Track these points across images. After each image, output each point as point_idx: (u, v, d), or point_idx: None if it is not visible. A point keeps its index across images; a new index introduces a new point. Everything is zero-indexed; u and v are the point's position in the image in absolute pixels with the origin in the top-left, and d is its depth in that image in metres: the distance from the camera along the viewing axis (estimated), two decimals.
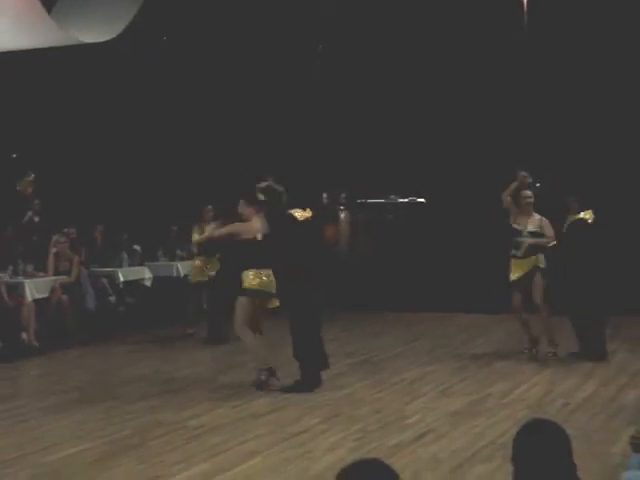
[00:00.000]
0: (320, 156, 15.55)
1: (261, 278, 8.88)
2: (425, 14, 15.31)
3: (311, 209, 9.04)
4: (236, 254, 9.30)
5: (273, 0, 15.47)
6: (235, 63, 15.80)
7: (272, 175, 9.79)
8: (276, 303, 9.04)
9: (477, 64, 15.11)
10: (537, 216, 10.35)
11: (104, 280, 13.22)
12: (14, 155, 14.23)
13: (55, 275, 12.19)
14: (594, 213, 10.29)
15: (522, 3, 14.71)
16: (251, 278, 8.87)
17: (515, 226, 10.35)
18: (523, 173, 10.38)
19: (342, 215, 15.23)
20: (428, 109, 15.37)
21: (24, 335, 11.31)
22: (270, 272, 8.92)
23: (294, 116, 15.84)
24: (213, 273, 12.36)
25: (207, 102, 16.04)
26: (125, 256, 13.75)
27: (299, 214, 8.92)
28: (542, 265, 10.29)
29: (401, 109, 15.56)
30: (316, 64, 15.83)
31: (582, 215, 10.26)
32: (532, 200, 10.32)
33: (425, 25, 15.29)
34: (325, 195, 15.31)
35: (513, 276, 10.34)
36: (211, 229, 11.09)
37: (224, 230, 9.46)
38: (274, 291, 8.93)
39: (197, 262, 12.62)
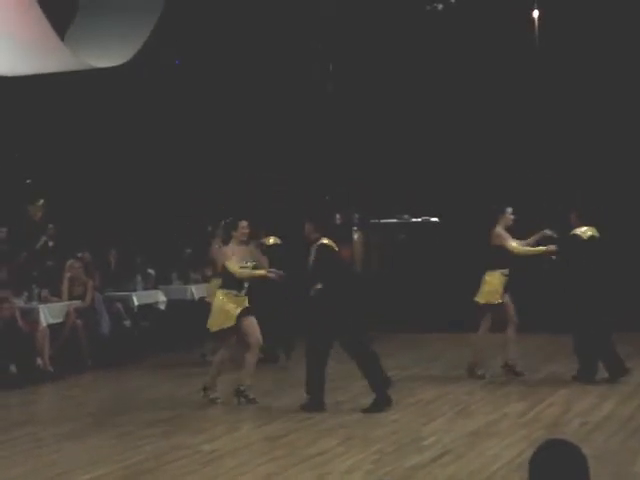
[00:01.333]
0: (333, 176, 15.56)
1: None
2: (438, 37, 15.37)
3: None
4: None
5: (280, 13, 15.56)
6: (245, 78, 15.86)
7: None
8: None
9: (490, 84, 15.13)
10: None
11: (118, 304, 13.22)
12: (28, 181, 14.30)
13: (69, 300, 12.21)
14: (598, 229, 10.13)
15: (532, 20, 14.75)
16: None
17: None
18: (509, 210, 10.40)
19: (355, 235, 15.18)
20: (441, 129, 15.39)
21: (39, 360, 11.32)
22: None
23: (307, 136, 15.87)
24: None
25: (220, 122, 16.10)
26: (139, 280, 13.76)
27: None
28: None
29: (414, 129, 15.58)
30: (328, 84, 15.88)
31: (577, 231, 10.04)
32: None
33: (438, 43, 15.34)
34: (338, 216, 15.30)
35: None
36: (252, 252, 9.89)
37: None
38: None
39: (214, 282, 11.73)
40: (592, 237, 10.00)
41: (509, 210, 10.45)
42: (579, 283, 9.94)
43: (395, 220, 15.95)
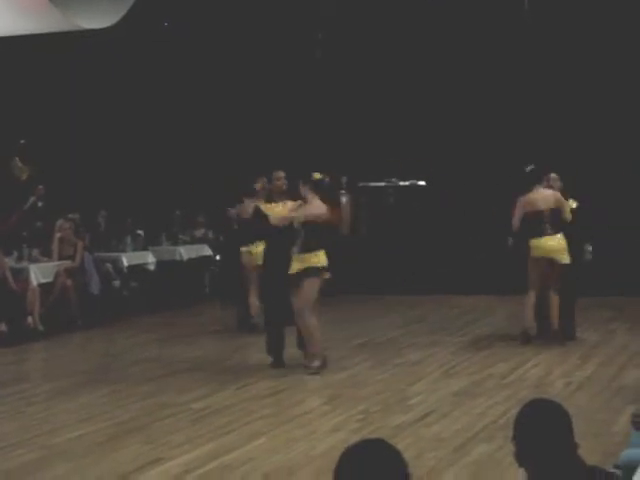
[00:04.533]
0: (321, 140, 15.55)
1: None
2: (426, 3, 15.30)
3: None
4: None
5: None
6: (233, 49, 15.80)
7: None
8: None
9: (477, 48, 15.09)
10: None
11: (108, 265, 13.28)
12: (22, 141, 14.24)
13: (59, 260, 12.26)
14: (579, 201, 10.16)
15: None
16: (323, 256, 8.66)
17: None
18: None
19: (344, 199, 15.21)
20: (428, 93, 15.36)
21: (29, 319, 11.39)
22: None
23: (295, 101, 15.84)
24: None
25: (206, 88, 16.05)
26: (129, 241, 13.81)
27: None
28: None
29: (402, 93, 15.54)
30: (317, 50, 15.82)
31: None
32: None
33: (425, 12, 15.27)
34: (327, 178, 15.28)
35: None
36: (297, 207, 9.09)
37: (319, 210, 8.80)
38: None
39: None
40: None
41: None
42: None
43: (383, 183, 15.98)
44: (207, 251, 15.05)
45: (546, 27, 14.74)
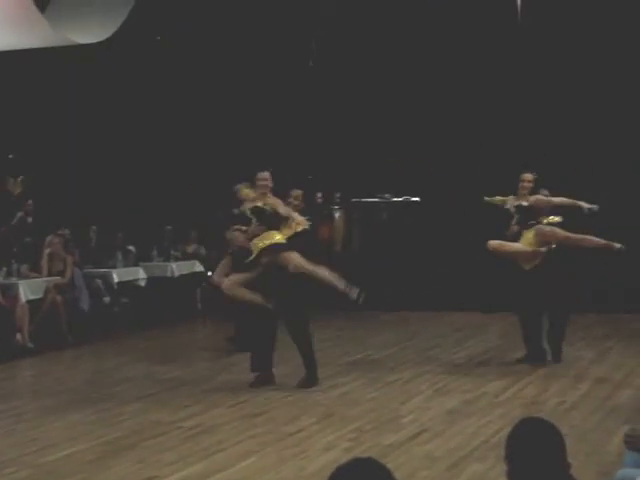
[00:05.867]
0: (314, 155, 15.55)
1: None
2: (422, 13, 15.30)
3: None
4: None
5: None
6: (230, 57, 15.80)
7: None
8: None
9: (471, 64, 15.12)
10: None
11: (98, 281, 13.21)
12: (10, 156, 14.21)
13: (49, 276, 12.18)
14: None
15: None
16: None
17: None
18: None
19: (337, 214, 15.20)
20: (422, 108, 15.38)
21: (18, 336, 11.30)
22: None
23: (289, 115, 15.84)
24: None
25: (201, 99, 16.04)
26: (119, 256, 13.74)
27: None
28: None
29: (395, 108, 15.56)
30: (310, 60, 15.82)
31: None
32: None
33: (420, 23, 15.29)
34: (319, 194, 15.29)
35: None
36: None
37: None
38: None
39: None
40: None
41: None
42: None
43: (377, 199, 15.96)
44: (199, 267, 14.99)
45: (540, 43, 14.76)
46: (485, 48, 14.95)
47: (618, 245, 9.68)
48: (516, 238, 9.89)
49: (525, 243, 9.80)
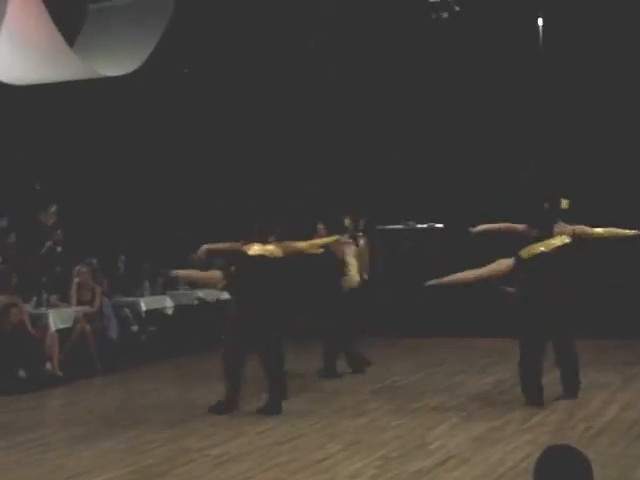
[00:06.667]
0: (340, 181, 15.64)
1: None
2: (442, 43, 15.43)
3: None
4: None
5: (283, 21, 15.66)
6: (250, 84, 15.96)
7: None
8: None
9: (494, 91, 15.19)
10: None
11: (126, 310, 13.31)
12: (38, 187, 14.40)
13: (78, 305, 12.31)
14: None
15: (537, 28, 14.85)
16: None
17: None
18: None
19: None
20: (446, 135, 15.45)
21: (48, 365, 11.40)
22: None
23: (313, 141, 15.95)
24: None
25: (225, 129, 16.20)
26: (147, 285, 13.86)
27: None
28: None
29: (419, 135, 15.64)
30: (333, 88, 15.96)
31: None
32: None
33: (442, 50, 15.41)
34: (347, 219, 15.34)
35: None
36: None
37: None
38: None
39: None
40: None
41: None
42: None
43: (401, 226, 16.00)
44: (224, 295, 15.04)
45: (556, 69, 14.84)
46: (508, 78, 15.01)
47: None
48: None
49: None
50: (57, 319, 11.77)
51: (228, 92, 16.06)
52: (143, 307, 13.45)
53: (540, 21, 14.97)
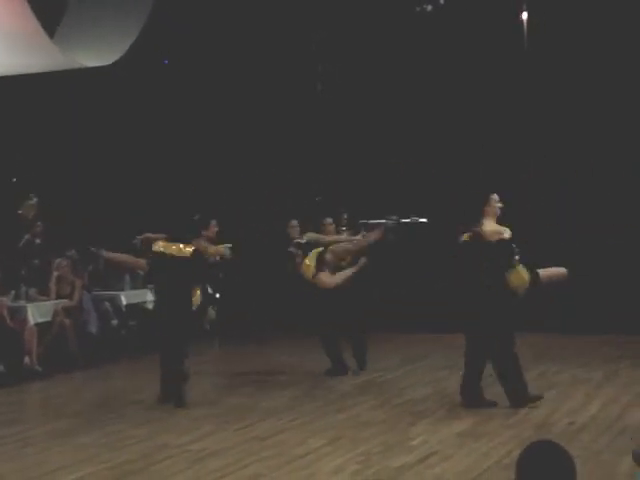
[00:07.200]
0: (321, 176, 15.59)
1: None
2: (427, 37, 15.39)
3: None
4: None
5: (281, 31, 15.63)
6: (237, 82, 15.91)
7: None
8: None
9: (478, 85, 15.16)
10: None
11: (106, 304, 13.20)
12: (14, 179, 14.26)
13: (57, 299, 12.19)
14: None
15: (521, 22, 14.83)
16: None
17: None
18: None
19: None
20: (430, 129, 15.41)
21: (26, 359, 11.30)
22: None
23: (296, 137, 15.89)
24: None
25: (211, 123, 16.13)
26: (128, 279, 13.75)
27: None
28: None
29: (403, 129, 15.59)
30: (317, 83, 15.91)
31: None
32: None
33: (427, 44, 15.37)
34: (330, 220, 15.28)
35: None
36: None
37: None
38: None
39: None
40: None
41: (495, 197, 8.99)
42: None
43: (384, 220, 15.92)
44: (207, 289, 14.96)
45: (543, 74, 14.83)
46: (493, 73, 14.98)
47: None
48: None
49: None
50: (36, 312, 11.65)
51: (210, 86, 15.98)
52: (124, 301, 13.36)
53: (525, 15, 14.92)
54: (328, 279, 10.52)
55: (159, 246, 9.45)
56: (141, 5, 11.68)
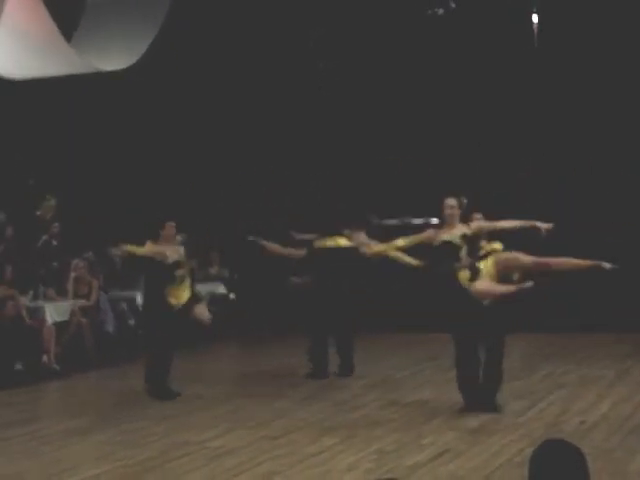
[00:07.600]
0: (337, 178, 15.65)
1: None
2: (438, 40, 15.44)
3: None
4: None
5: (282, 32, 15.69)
6: (241, 82, 15.97)
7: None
8: None
9: (489, 87, 15.20)
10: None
11: (123, 304, 13.33)
12: (31, 181, 14.39)
13: (75, 299, 12.33)
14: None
15: (532, 24, 14.87)
16: None
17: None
18: None
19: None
20: (429, 129, 15.45)
21: (44, 358, 11.43)
22: None
23: (307, 138, 15.95)
24: None
25: (220, 126, 16.21)
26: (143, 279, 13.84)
27: None
28: None
29: (402, 128, 15.63)
30: (323, 84, 15.97)
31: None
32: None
33: (438, 46, 15.42)
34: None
35: None
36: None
37: None
38: None
39: None
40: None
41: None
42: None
43: (397, 221, 15.98)
44: (221, 289, 15.08)
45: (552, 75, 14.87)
46: (503, 74, 15.01)
47: (608, 265, 8.38)
48: (474, 271, 8.69)
49: (487, 276, 8.67)
50: (54, 312, 11.80)
51: (226, 90, 16.04)
52: (140, 301, 13.45)
53: (535, 17, 14.96)
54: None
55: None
56: (158, 8, 11.77)
